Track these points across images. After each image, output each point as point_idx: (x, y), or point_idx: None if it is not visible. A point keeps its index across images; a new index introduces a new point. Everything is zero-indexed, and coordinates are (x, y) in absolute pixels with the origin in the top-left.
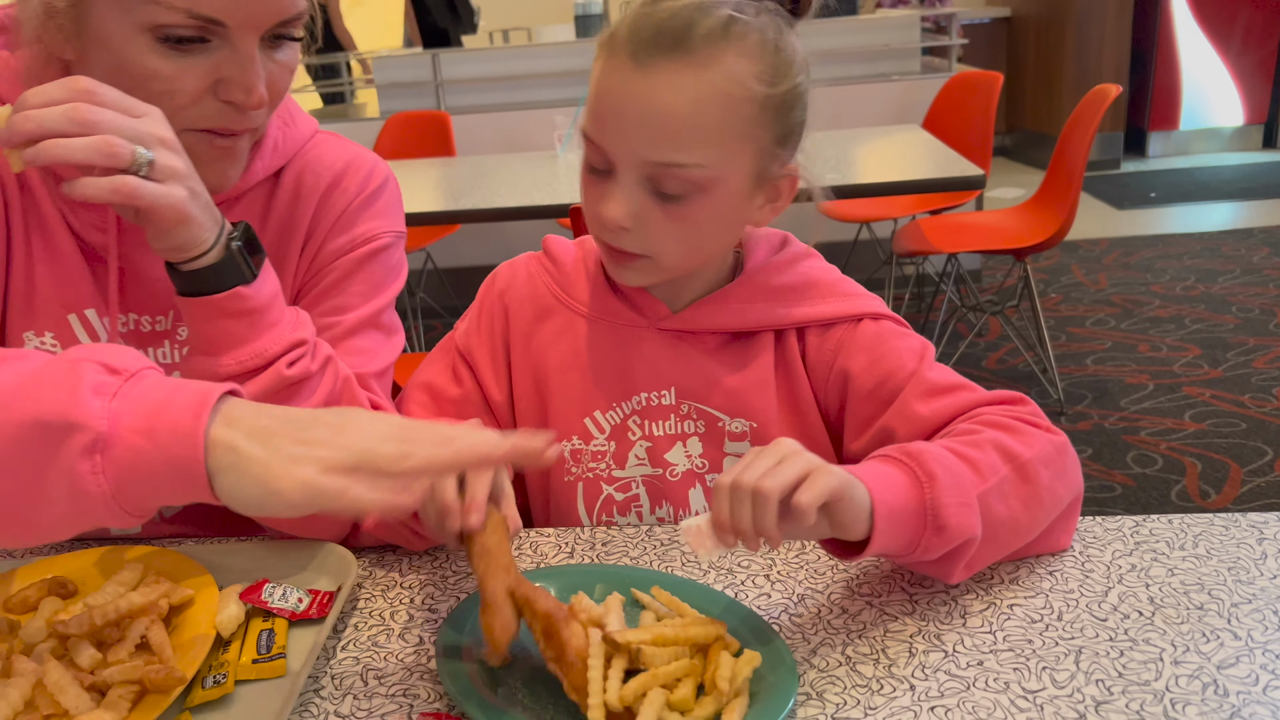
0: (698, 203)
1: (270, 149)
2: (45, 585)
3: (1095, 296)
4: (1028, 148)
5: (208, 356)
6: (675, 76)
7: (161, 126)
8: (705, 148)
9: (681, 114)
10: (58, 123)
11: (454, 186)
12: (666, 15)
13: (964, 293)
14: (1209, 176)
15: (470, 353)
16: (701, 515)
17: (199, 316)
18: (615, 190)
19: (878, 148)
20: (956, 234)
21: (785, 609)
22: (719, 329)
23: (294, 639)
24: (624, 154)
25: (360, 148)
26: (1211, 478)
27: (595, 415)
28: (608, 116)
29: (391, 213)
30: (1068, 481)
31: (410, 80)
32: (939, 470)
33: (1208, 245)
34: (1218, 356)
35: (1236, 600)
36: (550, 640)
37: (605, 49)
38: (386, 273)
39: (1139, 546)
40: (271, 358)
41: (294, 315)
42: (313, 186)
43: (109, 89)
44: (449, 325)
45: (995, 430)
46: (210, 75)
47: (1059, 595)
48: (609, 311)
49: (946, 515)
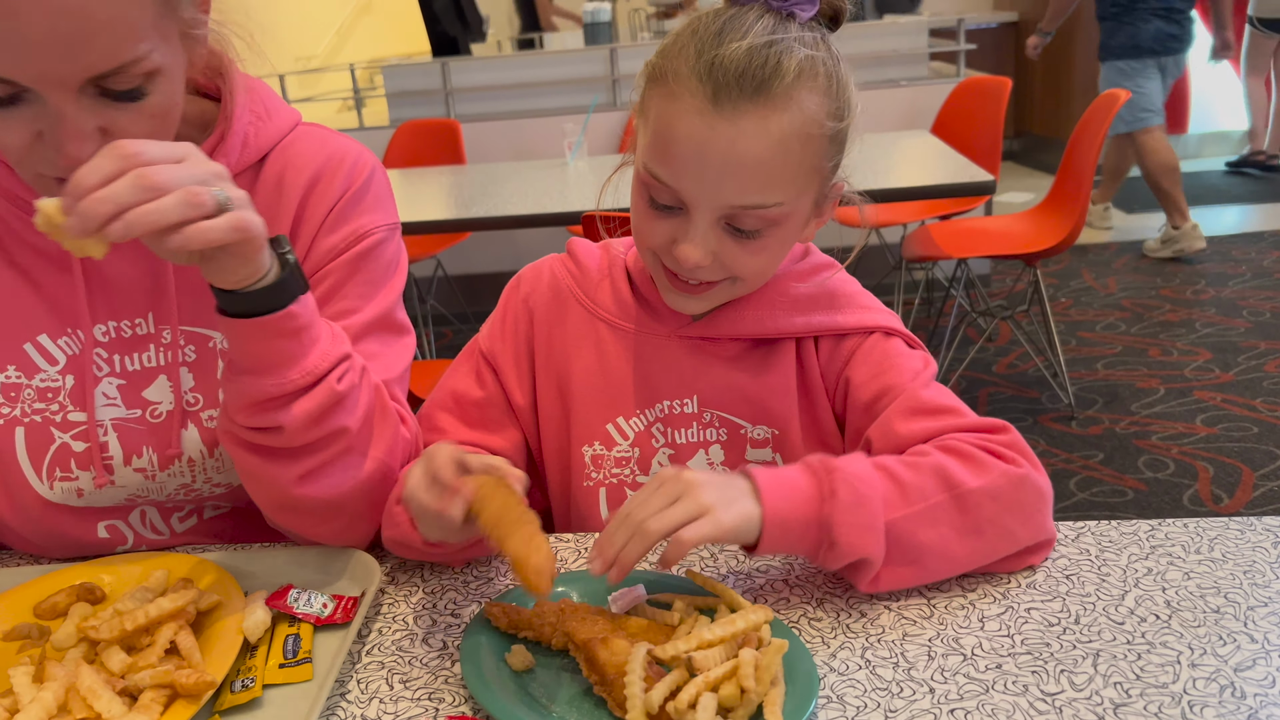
0: (772, 235)
1: (238, 144)
2: (74, 591)
3: (1105, 301)
4: (1036, 152)
5: (256, 375)
6: (760, 121)
7: (204, 160)
8: (785, 187)
9: (765, 159)
10: (131, 195)
11: (464, 194)
12: (744, 56)
13: (974, 298)
14: (1218, 180)
15: (494, 356)
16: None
17: (250, 337)
18: (691, 232)
19: (887, 153)
20: (966, 239)
21: (804, 613)
22: (739, 336)
23: (319, 644)
24: (702, 198)
25: (344, 139)
26: (1224, 482)
27: (619, 421)
28: (687, 161)
29: (382, 205)
30: (1024, 517)
31: (420, 88)
32: (843, 489)
33: (1218, 249)
34: (1229, 360)
35: (1253, 603)
36: (593, 666)
37: (666, 85)
38: (385, 268)
39: (1155, 550)
40: (321, 374)
41: (330, 328)
42: (294, 181)
43: (149, 144)
44: (459, 332)
45: (947, 456)
46: (30, 129)
47: (1076, 599)
48: (631, 318)
49: (838, 533)
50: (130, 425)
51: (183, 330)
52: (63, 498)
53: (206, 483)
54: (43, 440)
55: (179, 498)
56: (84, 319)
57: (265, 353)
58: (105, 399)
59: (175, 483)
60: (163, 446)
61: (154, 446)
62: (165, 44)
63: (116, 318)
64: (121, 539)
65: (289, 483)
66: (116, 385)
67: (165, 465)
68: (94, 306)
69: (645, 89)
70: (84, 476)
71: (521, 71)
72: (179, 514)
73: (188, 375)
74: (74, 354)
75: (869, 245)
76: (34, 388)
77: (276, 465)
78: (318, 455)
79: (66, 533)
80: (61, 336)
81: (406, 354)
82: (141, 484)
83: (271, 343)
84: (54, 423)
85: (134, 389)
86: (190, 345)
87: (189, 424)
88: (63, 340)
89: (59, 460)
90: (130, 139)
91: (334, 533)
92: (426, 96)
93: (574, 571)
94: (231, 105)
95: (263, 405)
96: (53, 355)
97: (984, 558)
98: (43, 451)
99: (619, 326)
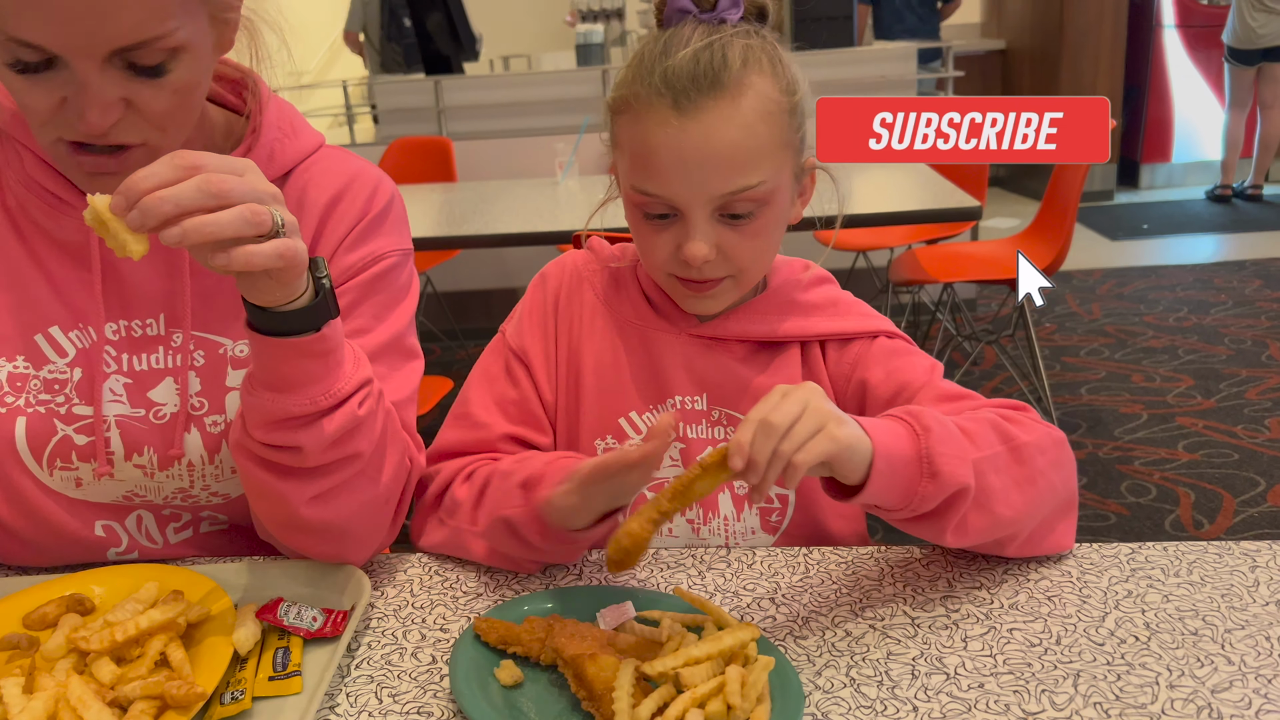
0: (764, 216)
1: (264, 158)
2: (64, 602)
3: (1089, 326)
4: (1022, 177)
5: (281, 393)
6: (723, 113)
7: (262, 179)
8: (763, 165)
9: (738, 143)
10: (196, 199)
11: (455, 212)
12: (690, 61)
13: (959, 321)
14: (1201, 208)
15: (525, 352)
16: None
17: (279, 355)
18: (690, 230)
19: (875, 178)
20: (953, 263)
21: (790, 631)
22: (748, 338)
23: (309, 657)
24: (693, 197)
25: (365, 163)
26: (1205, 508)
27: (631, 416)
28: (669, 169)
29: (399, 230)
30: (1064, 474)
31: (412, 106)
32: (934, 424)
33: (1200, 276)
34: (1210, 387)
35: (1230, 626)
36: (582, 682)
37: (630, 110)
38: (398, 292)
39: (1135, 573)
40: (344, 397)
41: (354, 351)
42: (315, 200)
43: (210, 156)
44: (447, 349)
45: (994, 416)
46: (56, 94)
47: (1057, 620)
48: (644, 316)
49: (940, 462)
50: (134, 423)
51: (193, 335)
52: (61, 486)
53: (204, 490)
54: (45, 431)
55: (176, 503)
56: (97, 315)
57: (292, 372)
58: (111, 395)
59: (173, 485)
60: (164, 447)
61: (155, 447)
62: (193, 23)
63: (128, 317)
64: (116, 540)
65: (300, 503)
66: (123, 383)
67: (165, 466)
68: (108, 304)
69: (612, 121)
70: (84, 468)
71: (513, 91)
72: (175, 524)
73: (195, 379)
74: (84, 348)
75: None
76: (41, 379)
77: (289, 484)
78: (332, 477)
79: (63, 526)
80: (73, 330)
81: (415, 377)
82: (140, 480)
83: (300, 362)
84: (58, 415)
85: (140, 389)
86: (200, 350)
87: (192, 428)
88: (74, 334)
89: (60, 451)
90: (188, 150)
91: (333, 554)
92: (419, 114)
93: (564, 589)
94: (260, 118)
95: (284, 423)
96: (63, 348)
97: (1035, 512)
98: (44, 442)
99: (633, 323)
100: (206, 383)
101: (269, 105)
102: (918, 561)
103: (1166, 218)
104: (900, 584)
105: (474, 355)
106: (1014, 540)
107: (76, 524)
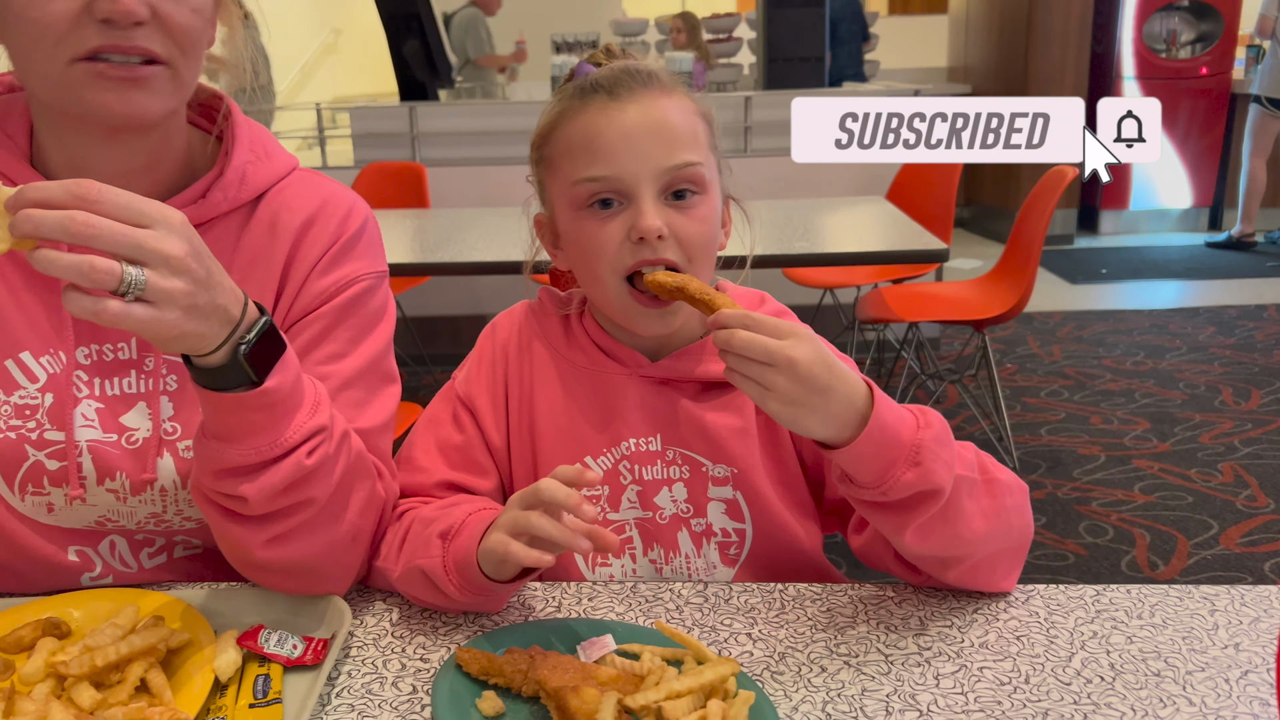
0: (704, 202)
1: (236, 181)
2: (40, 625)
3: (1049, 368)
4: (985, 220)
5: (224, 442)
6: (657, 99)
7: (169, 240)
8: (697, 148)
9: (675, 121)
10: (52, 230)
11: (428, 238)
12: (619, 69)
13: (924, 360)
14: (1158, 255)
15: (472, 400)
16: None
17: (216, 406)
18: (643, 207)
19: (843, 218)
20: (918, 303)
21: (767, 666)
22: (700, 378)
23: (289, 685)
24: (640, 171)
25: (338, 186)
26: (1160, 549)
27: (587, 460)
28: (615, 144)
29: (373, 253)
30: (1023, 521)
31: (387, 131)
32: (937, 425)
33: (1156, 322)
34: (1166, 431)
35: (1191, 668)
36: (564, 714)
37: (558, 125)
38: (373, 316)
39: (1100, 615)
40: (290, 448)
41: (314, 396)
42: (288, 224)
43: (118, 193)
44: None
45: (976, 449)
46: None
47: (1026, 659)
48: (594, 360)
49: (926, 457)
50: (106, 448)
51: (166, 359)
52: (33, 511)
53: (178, 515)
54: (16, 456)
55: (149, 528)
56: (68, 340)
57: (235, 423)
58: (84, 420)
59: (146, 510)
60: (137, 472)
61: (128, 472)
62: None
63: (100, 341)
64: (90, 565)
65: (254, 546)
66: (95, 408)
67: (138, 490)
68: (79, 328)
69: (539, 173)
70: (56, 493)
71: (488, 119)
72: (149, 549)
73: (168, 404)
74: (55, 373)
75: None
76: (12, 404)
77: (242, 529)
78: (284, 522)
79: (36, 551)
80: (44, 355)
81: (392, 402)
82: (113, 505)
83: (241, 414)
84: (29, 440)
85: (112, 414)
86: (172, 374)
87: (165, 453)
88: (45, 359)
89: (31, 477)
90: (100, 184)
91: (304, 589)
92: (393, 139)
93: (545, 621)
94: (232, 141)
95: (227, 473)
96: (34, 373)
97: (990, 544)
98: (15, 468)
99: (584, 368)
100: (179, 407)
101: (242, 128)
102: (890, 599)
103: (1124, 263)
104: (873, 621)
105: (441, 381)
106: (961, 564)
107: (50, 549)
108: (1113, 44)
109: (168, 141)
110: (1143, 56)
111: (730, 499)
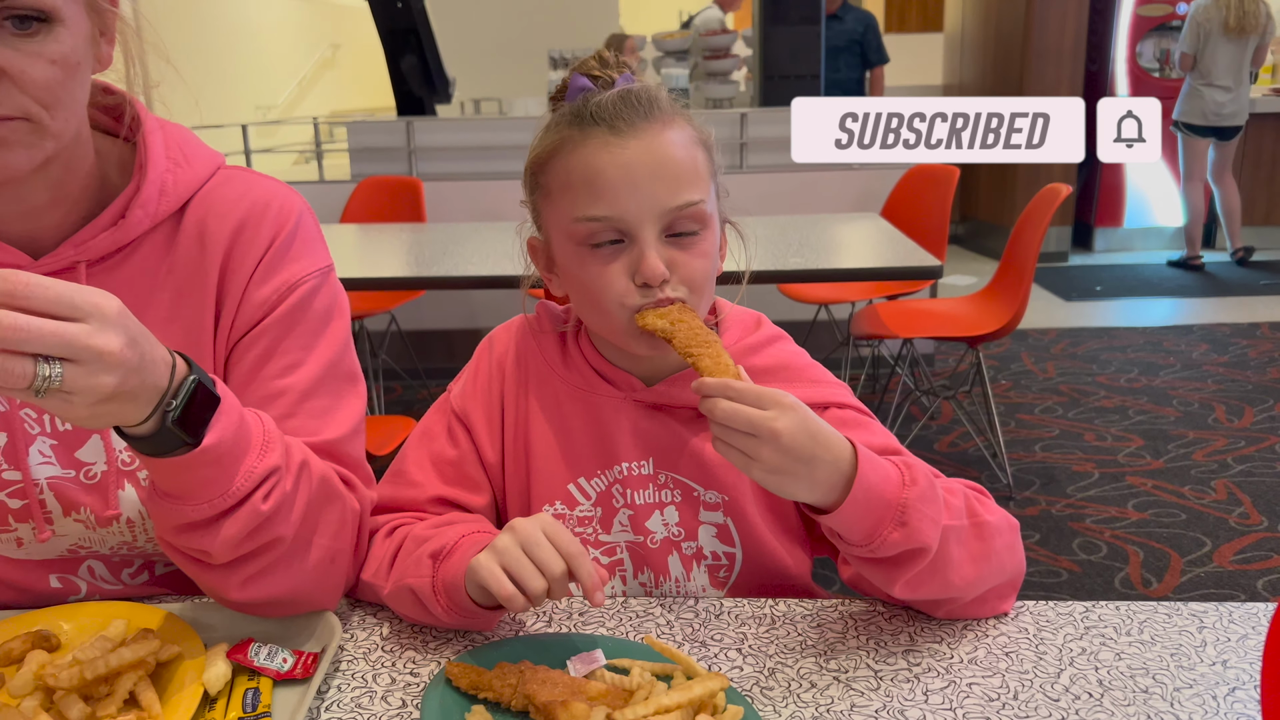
0: (707, 239)
1: (155, 194)
2: (30, 638)
3: (1044, 385)
4: (980, 237)
5: (174, 500)
6: (659, 134)
7: (104, 335)
8: (699, 184)
9: (678, 159)
10: None
11: (424, 252)
12: (618, 98)
13: (918, 376)
14: (1151, 273)
15: (466, 415)
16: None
17: (155, 469)
18: (645, 249)
19: (839, 234)
20: (913, 319)
21: (756, 682)
22: (689, 404)
23: (279, 699)
24: (643, 212)
25: (269, 181)
26: (1153, 566)
27: (580, 482)
28: (618, 184)
29: (311, 250)
30: (1015, 559)
31: (384, 145)
32: (922, 480)
33: (1150, 339)
34: (1159, 448)
35: (1179, 685)
36: None
37: (556, 154)
38: (323, 316)
39: (1089, 631)
40: (243, 496)
41: (261, 436)
42: (217, 231)
43: (48, 286)
44: (409, 388)
45: (966, 491)
46: None
47: (1015, 675)
48: (589, 381)
49: (912, 517)
50: (66, 484)
51: None
52: (3, 550)
53: (149, 542)
54: None
55: (123, 553)
56: None
57: (181, 481)
58: (40, 457)
59: (116, 539)
60: (101, 509)
61: (91, 507)
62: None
63: None
64: (74, 589)
65: (229, 589)
66: (50, 444)
67: (104, 524)
68: None
69: (534, 199)
70: (23, 528)
71: (485, 134)
72: (128, 569)
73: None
74: (3, 411)
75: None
76: None
77: (212, 575)
78: (254, 564)
79: (18, 583)
80: None
81: (358, 404)
82: (83, 533)
83: (184, 474)
84: None
85: (67, 449)
86: None
87: (126, 484)
88: None
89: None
90: (30, 277)
91: (290, 613)
92: (390, 154)
93: (534, 636)
94: (145, 152)
95: (184, 529)
96: None
97: (981, 585)
98: None
99: (579, 389)
100: None
101: (154, 134)
102: (880, 615)
103: (1118, 281)
104: (863, 637)
105: (435, 395)
106: (953, 604)
107: (30, 579)
108: (1106, 63)
109: (70, 169)
110: (1136, 75)
111: (721, 524)
